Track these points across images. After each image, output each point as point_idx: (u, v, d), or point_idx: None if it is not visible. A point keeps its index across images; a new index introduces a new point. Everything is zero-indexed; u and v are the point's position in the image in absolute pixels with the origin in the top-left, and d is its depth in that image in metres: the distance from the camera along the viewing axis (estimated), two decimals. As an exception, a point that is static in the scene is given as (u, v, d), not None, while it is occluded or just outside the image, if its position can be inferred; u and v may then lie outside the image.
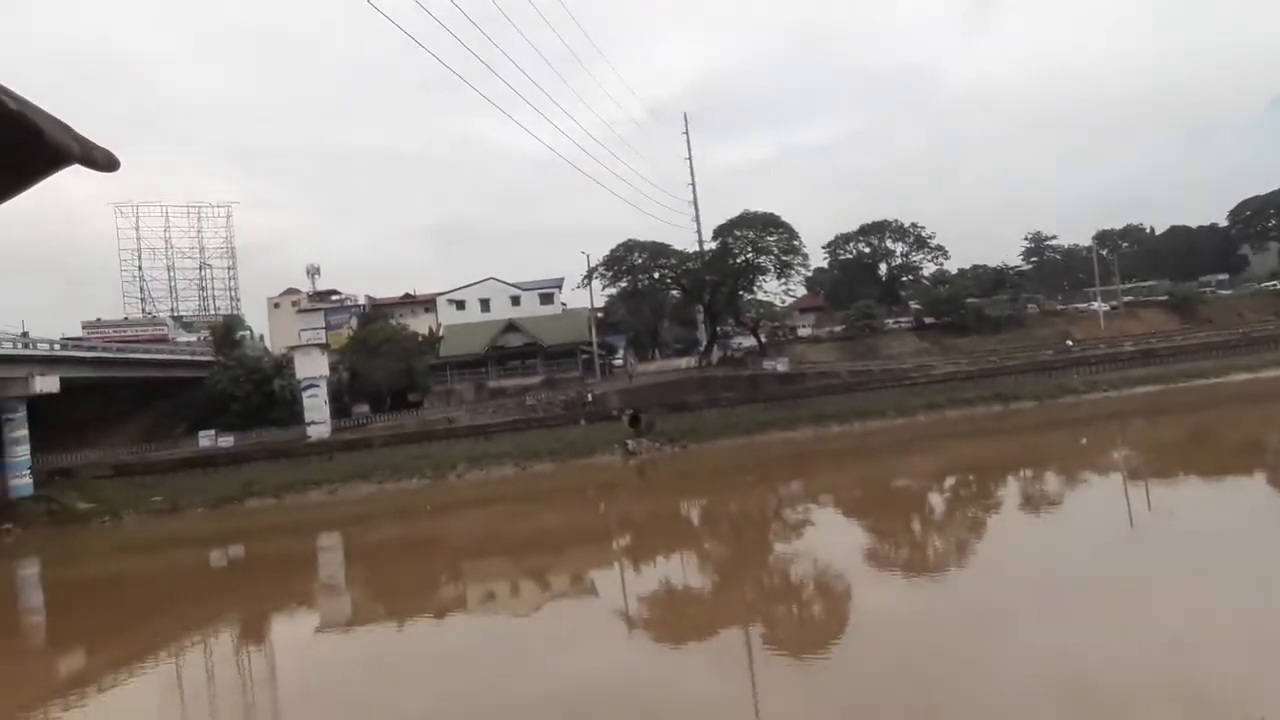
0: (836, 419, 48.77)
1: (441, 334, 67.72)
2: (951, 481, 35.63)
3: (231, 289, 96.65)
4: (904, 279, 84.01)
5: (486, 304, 75.00)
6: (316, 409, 53.18)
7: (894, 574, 21.44)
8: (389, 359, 59.85)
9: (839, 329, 70.32)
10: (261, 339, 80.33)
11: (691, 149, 71.63)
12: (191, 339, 75.28)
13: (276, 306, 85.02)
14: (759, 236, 60.68)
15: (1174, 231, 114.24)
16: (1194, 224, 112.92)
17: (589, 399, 53.62)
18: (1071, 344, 60.44)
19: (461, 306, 75.41)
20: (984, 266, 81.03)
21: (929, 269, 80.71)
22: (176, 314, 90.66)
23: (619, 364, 69.24)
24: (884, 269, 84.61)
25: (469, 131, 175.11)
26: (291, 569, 32.09)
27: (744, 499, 36.35)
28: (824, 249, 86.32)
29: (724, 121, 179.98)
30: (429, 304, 79.07)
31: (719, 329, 66.92)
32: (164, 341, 72.33)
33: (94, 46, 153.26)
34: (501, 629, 20.91)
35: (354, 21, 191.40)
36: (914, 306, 74.44)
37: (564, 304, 76.20)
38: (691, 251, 64.95)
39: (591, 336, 63.43)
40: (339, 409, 55.72)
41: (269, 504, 43.45)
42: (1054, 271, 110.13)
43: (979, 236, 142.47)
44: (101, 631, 23.69)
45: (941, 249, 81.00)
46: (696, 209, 70.57)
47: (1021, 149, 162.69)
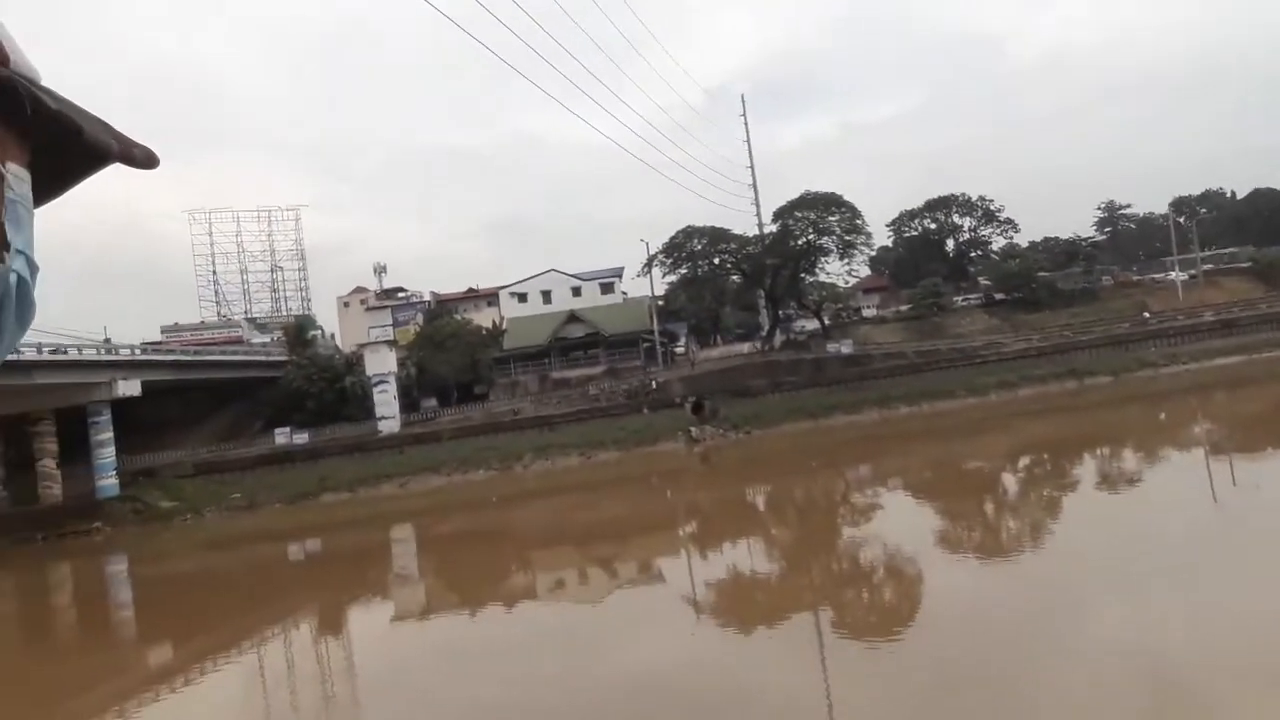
0: (904, 400, 47.94)
1: (505, 327, 68.41)
2: (1025, 461, 34.72)
3: (302, 290, 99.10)
4: (972, 254, 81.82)
5: (548, 295, 75.51)
6: (386, 404, 54.36)
7: (967, 557, 20.95)
8: (454, 353, 60.72)
9: (905, 308, 68.94)
10: (332, 337, 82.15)
11: (750, 131, 71.10)
12: (265, 340, 77.35)
13: (346, 305, 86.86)
14: (820, 217, 59.68)
15: (1257, 195, 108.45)
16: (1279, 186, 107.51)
17: (654, 386, 53.64)
18: (1148, 316, 58.30)
19: (523, 299, 76.06)
20: (1055, 239, 78.29)
21: (998, 243, 78.29)
22: (250, 316, 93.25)
23: (681, 351, 69.02)
24: (951, 245, 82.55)
25: (528, 125, 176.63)
26: (366, 561, 32.86)
27: (810, 484, 35.98)
28: (888, 227, 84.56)
29: (783, 103, 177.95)
30: (491, 298, 79.90)
31: (781, 313, 66.19)
32: (239, 343, 74.52)
33: (167, 58, 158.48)
34: (571, 617, 21.06)
35: (414, 22, 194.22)
36: (983, 282, 72.59)
37: (624, 293, 76.23)
38: (751, 235, 64.32)
39: (653, 324, 63.38)
40: (408, 404, 56.85)
41: (343, 498, 44.60)
42: (1129, 241, 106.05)
43: (1049, 208, 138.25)
44: (187, 624, 24.59)
45: (1011, 222, 78.58)
46: (756, 192, 69.94)
47: (1092, 116, 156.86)
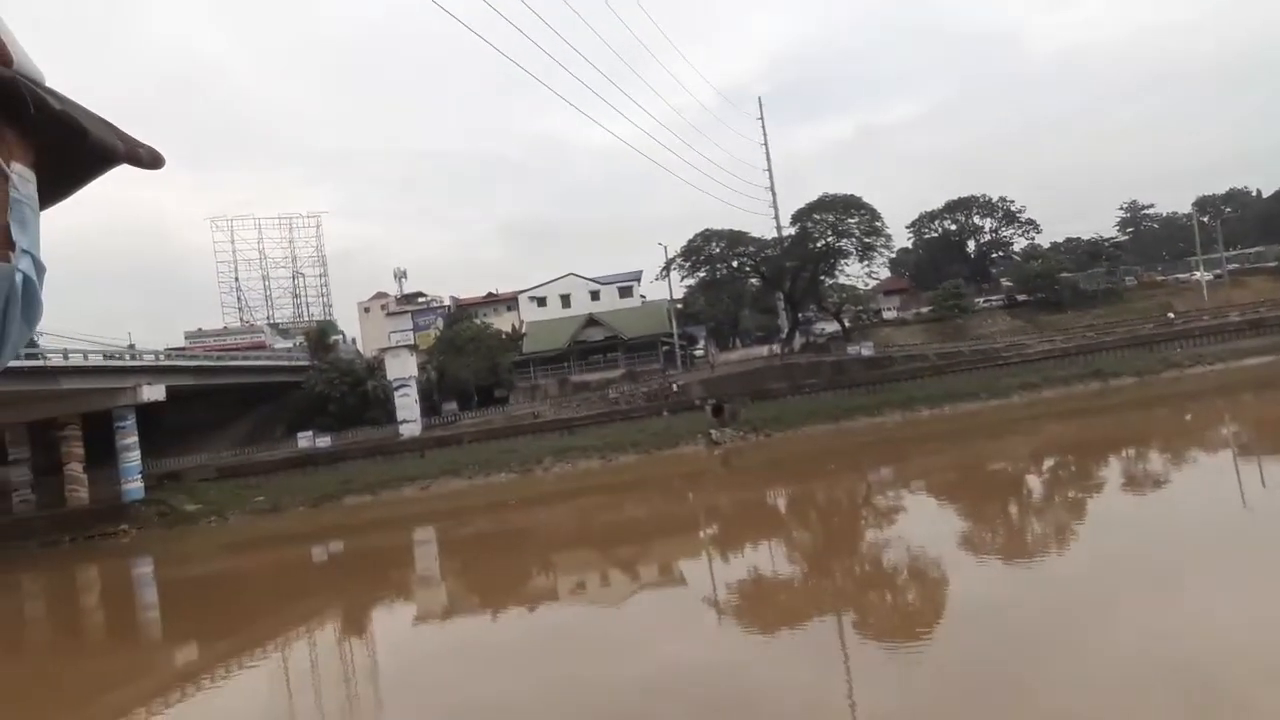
0: (926, 402, 47.66)
1: (524, 331, 68.69)
2: (1049, 463, 34.41)
3: (324, 295, 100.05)
4: (993, 255, 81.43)
5: (567, 299, 75.72)
6: (408, 408, 54.74)
7: (991, 559, 20.80)
8: (475, 357, 61.03)
9: (926, 310, 68.57)
10: (354, 342, 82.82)
11: (767, 134, 71.09)
12: (288, 345, 78.12)
13: (367, 310, 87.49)
14: (839, 219, 59.41)
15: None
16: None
17: (674, 389, 53.63)
18: (1173, 316, 57.66)
19: (543, 303, 76.33)
20: (1078, 239, 77.78)
21: (1020, 244, 77.99)
22: (273, 321, 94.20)
23: (700, 354, 69.02)
24: (972, 246, 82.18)
25: (547, 130, 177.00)
26: (389, 563, 33.06)
27: (831, 486, 35.85)
28: (908, 229, 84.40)
29: (801, 104, 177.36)
30: (511, 302, 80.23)
31: (800, 315, 66.01)
32: (262, 348, 75.27)
33: (190, 68, 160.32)
34: (592, 618, 21.09)
35: (433, 31, 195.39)
36: (1005, 284, 72.11)
37: (643, 296, 76.33)
38: (770, 238, 64.24)
39: (672, 327, 63.40)
40: (429, 407, 57.21)
41: (366, 501, 44.89)
42: (1152, 241, 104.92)
43: (1071, 208, 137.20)
44: (212, 625, 24.82)
45: (1032, 223, 78.20)
46: (774, 194, 69.90)
47: (1113, 116, 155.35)
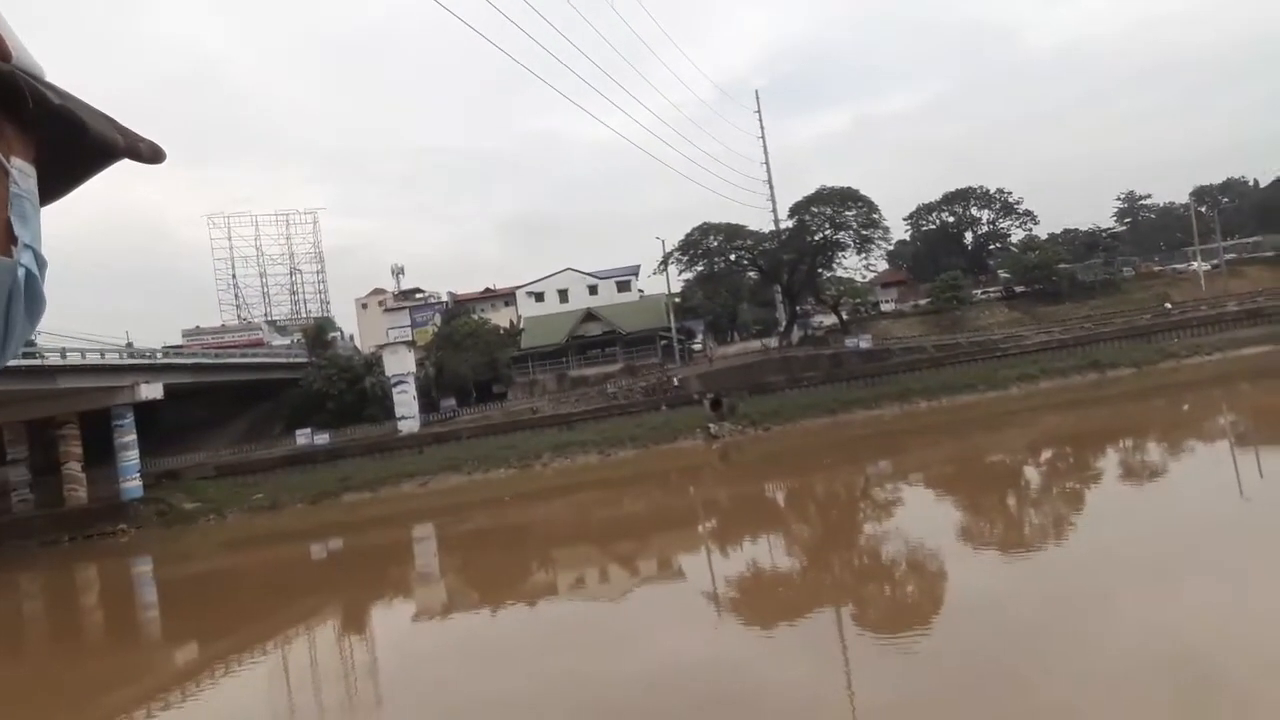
0: (924, 395, 47.65)
1: (522, 326, 68.63)
2: (1048, 454, 34.46)
3: (321, 292, 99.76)
4: (991, 247, 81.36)
5: (565, 294, 75.66)
6: (406, 404, 54.67)
7: (990, 551, 20.83)
8: (473, 353, 60.97)
9: (924, 302, 68.53)
10: (352, 339, 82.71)
11: (765, 127, 71.08)
12: (286, 342, 77.95)
13: (364, 307, 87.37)
14: (837, 212, 59.32)
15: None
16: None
17: (673, 383, 53.60)
18: (1170, 306, 57.64)
19: (540, 298, 76.26)
20: (1075, 230, 77.66)
21: (1017, 235, 77.90)
22: (270, 318, 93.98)
23: (698, 348, 69.00)
24: (969, 238, 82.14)
25: (543, 125, 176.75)
26: (388, 559, 33.08)
27: (830, 479, 35.87)
28: (905, 221, 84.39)
29: (798, 97, 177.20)
30: (508, 297, 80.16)
31: (798, 308, 65.99)
32: (260, 345, 75.08)
33: (187, 66, 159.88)
34: (591, 613, 21.11)
35: (430, 26, 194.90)
36: (1003, 275, 72.04)
37: (641, 291, 76.28)
38: (767, 231, 64.16)
39: (670, 322, 63.36)
40: (427, 403, 57.14)
41: (365, 497, 44.87)
42: (1149, 232, 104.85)
43: (1069, 199, 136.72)
44: (211, 624, 24.82)
45: (1030, 214, 78.17)
46: (771, 187, 69.85)
47: (1110, 107, 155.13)
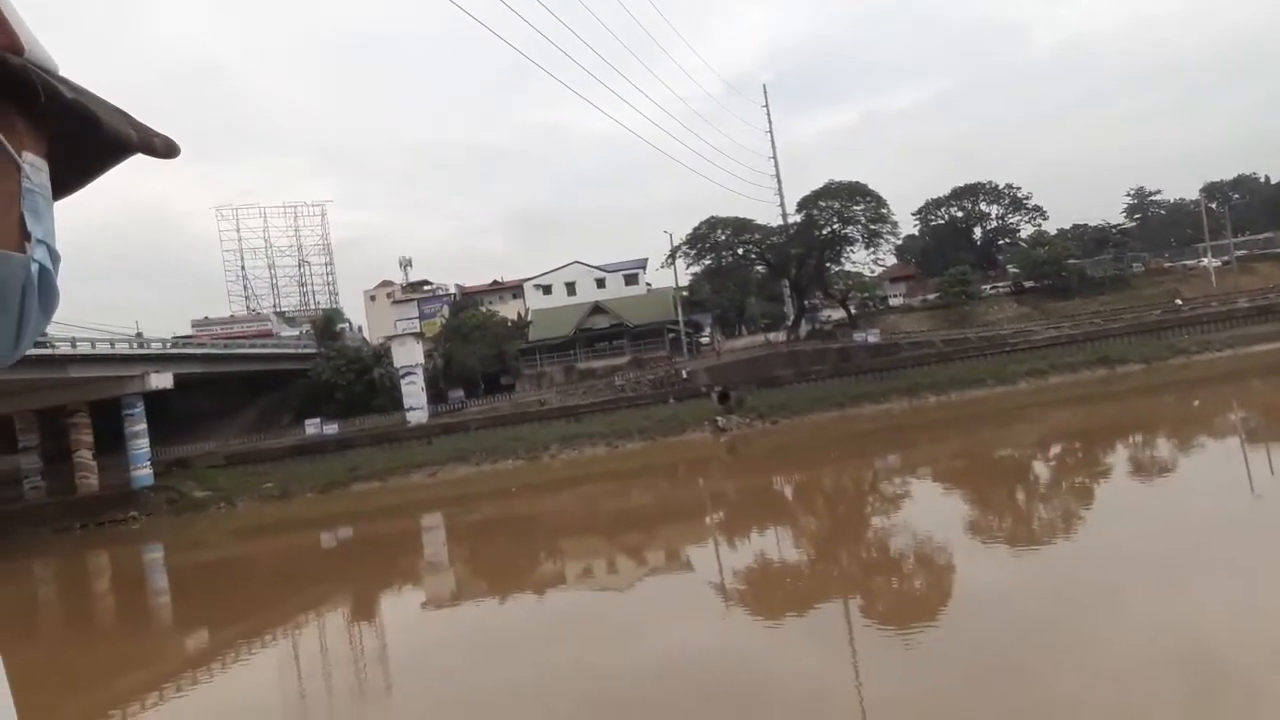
0: (932, 389, 47.66)
1: (530, 318, 68.74)
2: (1056, 450, 34.42)
3: (330, 283, 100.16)
4: (1000, 242, 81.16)
5: (572, 287, 75.77)
6: (414, 395, 54.89)
7: (998, 545, 20.83)
8: (481, 345, 61.11)
9: (932, 297, 68.42)
10: (360, 330, 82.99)
11: (772, 121, 71.04)
12: (295, 333, 78.27)
13: (373, 299, 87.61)
14: (845, 206, 59.22)
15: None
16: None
17: (680, 376, 53.66)
18: (1180, 303, 57.44)
19: (548, 291, 76.39)
20: (1085, 226, 77.42)
21: (1026, 231, 77.59)
22: (279, 309, 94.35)
23: (706, 341, 69.04)
24: (978, 233, 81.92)
25: (551, 118, 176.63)
26: (397, 549, 33.24)
27: (838, 473, 35.90)
28: (914, 216, 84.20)
29: (805, 91, 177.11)
30: (516, 290, 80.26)
31: (806, 302, 65.98)
32: (269, 336, 75.43)
33: (192, 61, 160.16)
34: (599, 603, 21.20)
35: (436, 19, 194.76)
36: (1011, 270, 71.85)
37: (649, 284, 76.36)
38: (775, 225, 64.11)
39: (678, 315, 63.39)
40: (435, 395, 57.32)
41: (374, 487, 45.12)
42: (1159, 228, 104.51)
43: (1078, 195, 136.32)
44: (222, 611, 24.99)
45: (1039, 209, 77.88)
46: (779, 182, 69.84)
47: (1120, 102, 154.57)
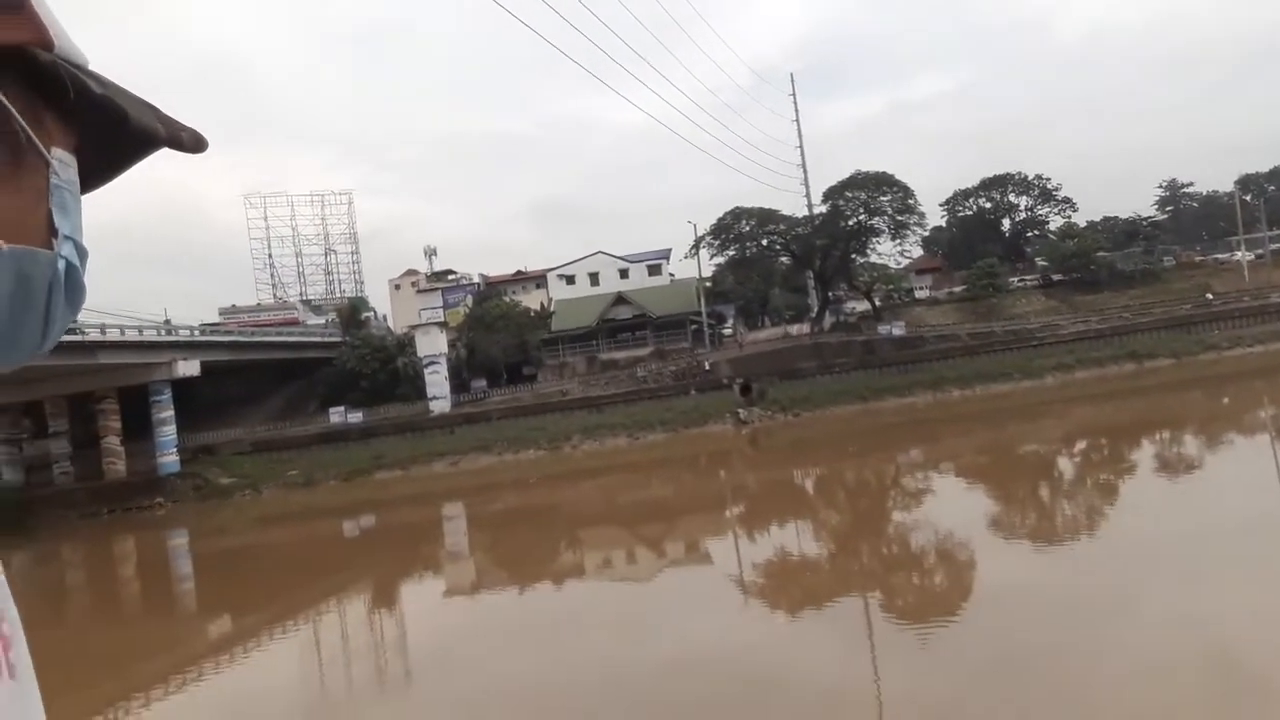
0: (957, 383, 47.22)
1: (553, 309, 68.82)
2: (1082, 446, 33.97)
3: (355, 272, 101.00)
4: (1029, 234, 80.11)
5: (595, 278, 75.72)
6: (438, 385, 55.15)
7: (1020, 541, 20.62)
8: (504, 334, 61.28)
9: (959, 290, 67.66)
10: (385, 319, 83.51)
11: (799, 111, 70.47)
12: (320, 321, 78.90)
13: (397, 288, 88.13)
14: (871, 197, 58.63)
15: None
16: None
17: (705, 368, 53.54)
18: (1211, 297, 56.45)
19: (571, 281, 76.40)
20: (1115, 218, 76.27)
21: (1056, 223, 76.46)
22: (305, 298, 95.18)
23: (728, 333, 68.79)
24: (1007, 225, 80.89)
25: (576, 108, 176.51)
26: (419, 537, 33.48)
27: (860, 467, 35.69)
28: (941, 207, 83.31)
29: (832, 81, 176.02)
30: (540, 280, 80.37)
31: (831, 294, 65.49)
32: (295, 324, 76.09)
33: (217, 54, 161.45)
34: (618, 594, 21.25)
35: (460, 8, 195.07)
36: (1040, 263, 70.93)
37: (672, 275, 76.12)
38: (800, 216, 63.64)
39: (700, 306, 63.21)
40: (458, 384, 57.57)
41: (396, 475, 45.45)
42: (1192, 221, 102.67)
43: (1109, 187, 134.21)
44: (245, 597, 25.30)
45: (1069, 201, 76.78)
46: (805, 172, 69.35)
47: (1151, 92, 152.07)
